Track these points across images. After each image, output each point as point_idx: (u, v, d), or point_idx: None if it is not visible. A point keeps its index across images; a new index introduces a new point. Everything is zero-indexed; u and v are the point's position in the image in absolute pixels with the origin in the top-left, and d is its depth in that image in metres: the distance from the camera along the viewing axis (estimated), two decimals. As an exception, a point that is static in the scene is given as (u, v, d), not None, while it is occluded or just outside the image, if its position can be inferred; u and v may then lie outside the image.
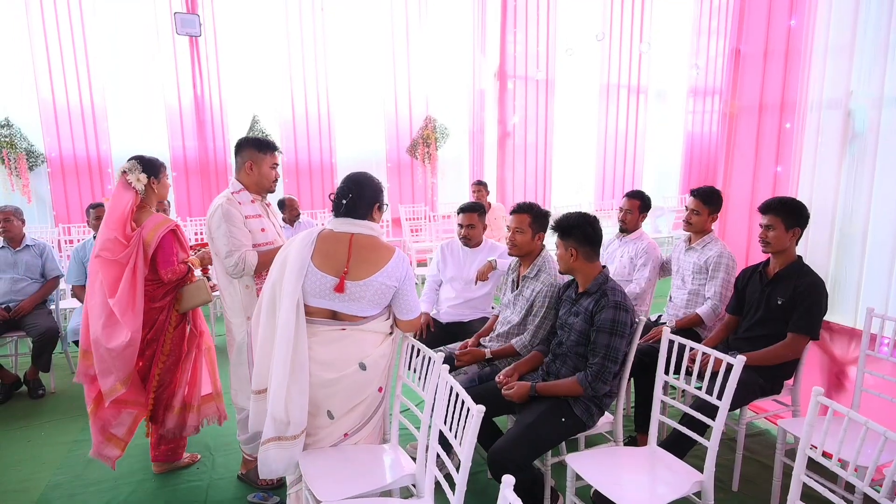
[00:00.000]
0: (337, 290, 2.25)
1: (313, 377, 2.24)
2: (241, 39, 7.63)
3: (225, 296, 2.84)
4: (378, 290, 2.28)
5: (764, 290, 2.94)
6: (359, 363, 2.28)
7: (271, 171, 2.85)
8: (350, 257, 2.26)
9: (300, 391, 2.21)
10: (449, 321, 3.68)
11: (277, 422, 2.21)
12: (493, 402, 2.70)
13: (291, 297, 2.22)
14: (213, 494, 2.95)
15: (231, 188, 2.81)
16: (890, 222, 2.88)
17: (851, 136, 3.01)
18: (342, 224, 2.33)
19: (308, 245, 2.29)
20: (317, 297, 2.27)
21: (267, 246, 2.78)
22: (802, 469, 1.93)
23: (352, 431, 2.37)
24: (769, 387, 2.88)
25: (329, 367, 2.27)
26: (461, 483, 1.88)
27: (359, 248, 2.29)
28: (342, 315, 2.30)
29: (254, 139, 2.85)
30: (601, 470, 2.32)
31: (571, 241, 2.57)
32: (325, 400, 2.29)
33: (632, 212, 3.75)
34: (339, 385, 2.27)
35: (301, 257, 2.26)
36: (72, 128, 7.15)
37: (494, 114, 7.86)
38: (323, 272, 2.25)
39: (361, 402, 2.36)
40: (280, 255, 2.35)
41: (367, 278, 2.26)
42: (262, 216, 2.83)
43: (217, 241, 2.71)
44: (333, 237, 2.31)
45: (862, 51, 2.91)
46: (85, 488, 3.02)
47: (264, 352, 2.30)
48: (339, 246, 2.29)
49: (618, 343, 2.46)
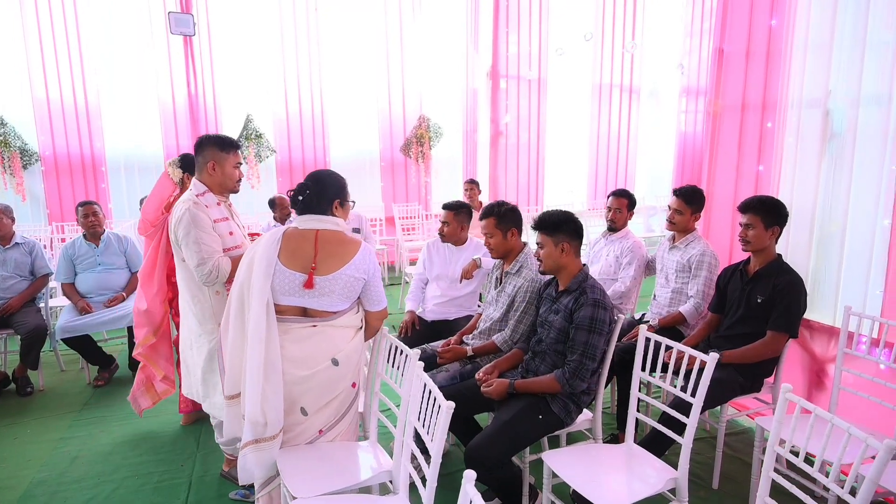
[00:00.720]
0: (306, 286, 2.25)
1: (287, 375, 2.25)
2: (234, 39, 7.63)
3: (193, 304, 2.75)
4: (347, 283, 2.29)
5: (744, 289, 2.95)
6: (331, 359, 2.30)
7: (235, 171, 2.75)
8: (317, 253, 2.27)
9: (274, 391, 2.22)
10: (434, 319, 3.69)
11: (255, 424, 2.21)
12: (474, 399, 2.72)
13: (261, 297, 2.22)
14: (195, 491, 2.97)
15: (194, 190, 2.68)
16: (867, 221, 2.89)
17: (830, 136, 3.03)
18: (307, 221, 2.33)
19: (274, 244, 2.29)
20: (286, 294, 2.27)
21: (236, 250, 2.72)
22: (771, 466, 1.94)
23: (326, 428, 2.38)
24: (749, 385, 2.89)
25: (302, 364, 2.27)
26: (432, 478, 1.89)
27: (325, 242, 2.30)
28: (313, 311, 2.30)
29: (215, 137, 2.73)
30: (577, 467, 2.33)
31: (563, 237, 2.58)
32: (298, 397, 2.30)
33: (621, 210, 3.77)
34: (312, 381, 2.28)
35: (268, 257, 2.26)
36: (66, 126, 7.16)
37: (487, 113, 7.87)
38: (291, 269, 2.26)
39: (335, 398, 2.37)
40: (246, 257, 2.34)
41: (335, 272, 2.27)
42: (228, 219, 2.75)
43: (187, 249, 2.59)
44: (299, 234, 2.32)
45: (840, 50, 2.93)
46: (68, 485, 3.03)
47: (235, 356, 2.31)
48: (306, 243, 2.29)
49: (596, 341, 2.48)
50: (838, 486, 1.71)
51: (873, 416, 2.69)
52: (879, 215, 2.83)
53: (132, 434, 3.58)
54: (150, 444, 3.46)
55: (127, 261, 4.55)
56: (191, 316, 2.80)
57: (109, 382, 4.39)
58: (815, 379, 3.15)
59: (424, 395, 2.05)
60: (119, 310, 4.30)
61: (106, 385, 4.35)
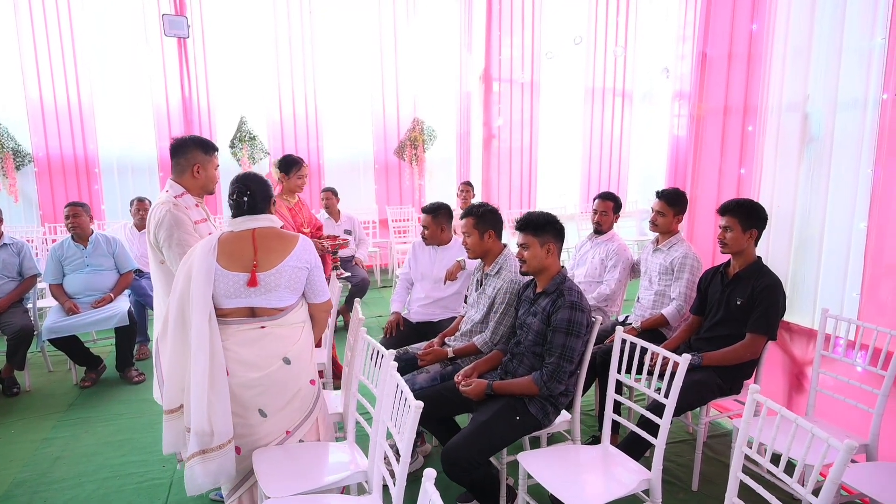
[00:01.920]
0: (250, 284, 2.24)
1: (238, 378, 2.24)
2: (229, 41, 7.65)
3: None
4: (291, 276, 2.30)
5: (724, 291, 2.96)
6: (283, 358, 2.30)
7: (216, 173, 2.78)
8: (256, 250, 2.27)
9: (220, 399, 2.20)
10: (419, 321, 3.70)
11: (201, 435, 2.18)
12: (454, 400, 2.74)
13: (203, 306, 2.20)
14: (176, 492, 2.97)
15: (172, 191, 2.67)
16: (845, 224, 2.91)
17: (809, 140, 3.04)
18: (240, 223, 2.33)
19: (210, 251, 2.28)
20: (231, 297, 2.26)
21: None
22: (739, 466, 1.96)
23: (293, 428, 2.38)
24: (727, 387, 2.90)
25: (253, 366, 2.26)
26: (401, 476, 1.90)
27: (262, 238, 2.31)
28: (260, 311, 2.29)
29: (199, 140, 2.73)
30: (552, 468, 2.34)
31: (549, 237, 2.59)
32: (252, 399, 2.29)
33: (607, 213, 3.79)
34: (265, 383, 2.28)
35: (206, 263, 2.25)
36: (59, 128, 7.17)
37: (480, 116, 7.89)
38: (233, 271, 2.25)
39: (294, 397, 2.36)
40: (183, 268, 2.32)
41: (277, 265, 2.27)
42: (207, 220, 2.77)
43: (169, 251, 2.58)
44: (234, 237, 2.31)
45: (818, 55, 2.95)
46: (49, 486, 3.04)
47: (175, 369, 2.29)
48: (243, 243, 2.29)
49: (573, 343, 2.49)
50: (801, 486, 1.72)
51: (850, 419, 2.70)
52: (856, 218, 2.84)
53: (116, 435, 3.59)
54: (133, 444, 3.46)
55: (115, 262, 4.56)
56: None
57: (97, 384, 4.40)
58: (794, 381, 3.17)
59: (397, 395, 2.06)
60: (106, 311, 4.31)
61: (93, 386, 4.36)
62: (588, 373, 3.13)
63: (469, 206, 3.08)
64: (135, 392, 4.24)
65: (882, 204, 2.69)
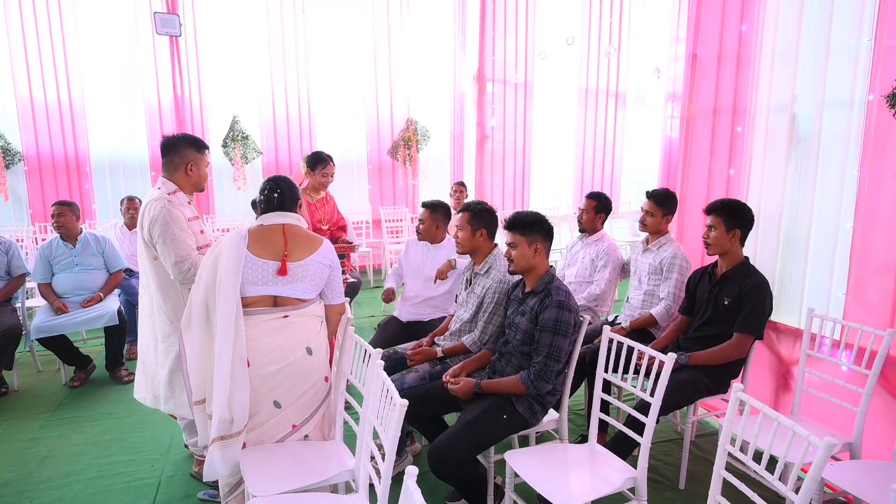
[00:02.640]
0: (280, 273, 2.32)
1: (258, 369, 2.27)
2: (221, 39, 7.63)
3: (165, 303, 2.73)
4: (317, 271, 2.39)
5: (712, 291, 2.98)
6: (306, 348, 2.34)
7: (207, 171, 2.86)
8: (287, 242, 2.36)
9: (241, 387, 2.24)
10: (409, 320, 3.70)
11: (223, 422, 2.22)
12: (443, 399, 2.74)
13: (232, 291, 2.25)
14: (164, 491, 2.97)
15: (165, 189, 2.69)
16: (831, 224, 2.93)
17: (796, 140, 3.06)
18: (270, 218, 2.42)
19: (241, 240, 2.33)
20: (258, 284, 2.31)
21: (206, 249, 2.73)
22: (723, 464, 1.97)
23: (300, 423, 2.39)
24: (715, 386, 2.91)
25: (275, 356, 2.30)
26: (386, 473, 1.91)
27: (292, 234, 2.40)
28: (284, 300, 2.35)
29: (191, 139, 2.77)
30: (538, 466, 2.35)
31: (537, 237, 2.60)
32: (270, 391, 2.31)
33: (587, 212, 3.80)
34: (285, 373, 2.31)
35: (237, 250, 2.29)
36: (49, 126, 7.13)
37: (474, 116, 7.90)
38: (263, 258, 2.32)
39: (308, 390, 2.39)
40: (209, 257, 2.36)
41: (306, 258, 2.36)
42: (199, 217, 2.82)
43: (164, 248, 2.59)
44: (265, 229, 2.39)
45: (805, 56, 2.97)
46: (36, 485, 3.02)
47: (203, 359, 2.31)
48: (274, 235, 2.38)
49: (560, 342, 2.49)
50: (782, 483, 1.73)
51: (835, 418, 2.72)
52: (842, 218, 2.87)
53: (104, 434, 3.57)
54: (122, 444, 3.45)
55: (105, 261, 4.54)
56: (160, 315, 2.78)
57: (86, 383, 4.38)
58: (781, 381, 3.18)
59: (383, 393, 2.06)
60: (96, 310, 4.29)
61: (82, 386, 4.33)
62: (577, 373, 3.15)
63: (469, 202, 3.12)
64: (124, 392, 4.22)
65: (867, 204, 2.71)
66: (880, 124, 2.63)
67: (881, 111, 2.59)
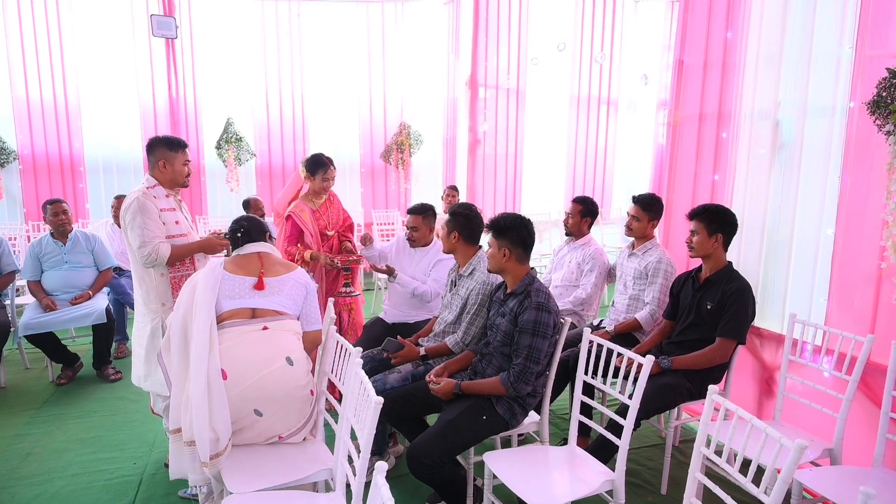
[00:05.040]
0: (257, 287, 2.38)
1: (236, 380, 2.23)
2: (216, 42, 7.67)
3: (139, 286, 2.93)
4: (293, 287, 2.45)
5: (695, 295, 2.99)
6: (286, 358, 2.32)
7: (184, 168, 2.99)
8: (263, 264, 2.47)
9: (219, 402, 2.20)
10: (395, 322, 3.70)
11: (211, 442, 2.17)
12: (424, 400, 2.74)
13: (206, 311, 2.27)
14: (145, 489, 2.96)
15: (146, 183, 2.94)
16: (813, 230, 2.95)
17: (779, 146, 3.09)
18: (246, 248, 2.53)
19: (217, 264, 2.44)
20: (234, 298, 2.36)
21: (181, 238, 2.92)
22: (697, 466, 1.98)
23: (287, 435, 2.38)
24: (697, 390, 2.91)
25: (253, 366, 2.27)
26: (361, 470, 1.91)
27: (268, 257, 2.52)
28: (262, 312, 2.38)
29: (164, 139, 2.98)
30: (516, 468, 2.35)
31: (506, 242, 2.60)
32: (250, 401, 2.27)
33: (573, 216, 3.81)
34: (265, 381, 2.27)
35: (213, 273, 2.38)
36: (45, 126, 7.17)
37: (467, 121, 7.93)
38: (240, 275, 2.40)
39: (293, 401, 2.35)
40: (188, 285, 2.43)
41: (283, 275, 2.44)
42: (175, 209, 2.97)
43: (130, 233, 2.83)
44: (241, 257, 2.51)
45: (788, 63, 2.99)
46: (18, 481, 3.02)
47: (179, 386, 2.29)
48: (250, 259, 2.49)
49: (540, 344, 2.49)
50: (754, 485, 1.74)
51: (816, 423, 2.73)
52: (824, 224, 2.88)
53: (89, 432, 3.57)
54: (105, 442, 3.45)
55: (94, 259, 4.55)
56: (137, 297, 2.97)
57: (73, 381, 4.37)
58: (764, 386, 3.19)
59: (360, 391, 2.06)
60: (84, 308, 4.29)
61: (69, 384, 4.33)
62: (562, 376, 3.16)
63: (456, 204, 3.16)
64: (110, 390, 4.21)
65: (849, 210, 2.73)
66: (861, 131, 2.65)
67: (862, 118, 2.61)
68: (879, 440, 2.42)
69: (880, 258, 2.60)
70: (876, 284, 2.65)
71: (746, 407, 3.07)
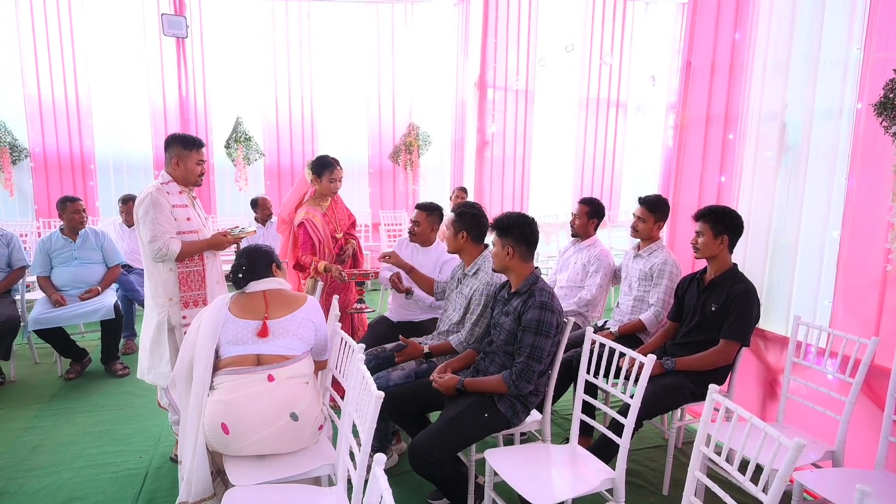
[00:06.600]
0: (261, 334, 2.32)
1: (237, 435, 2.20)
2: (227, 42, 7.73)
3: (149, 280, 2.98)
4: (301, 325, 2.39)
5: (700, 297, 2.98)
6: (290, 413, 2.24)
7: (197, 167, 3.04)
8: (268, 305, 2.39)
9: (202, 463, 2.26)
10: (399, 320, 3.71)
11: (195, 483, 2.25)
12: (427, 397, 2.76)
13: (207, 352, 2.29)
14: (151, 482, 2.99)
15: (161, 179, 3.01)
16: (819, 233, 2.94)
17: (786, 148, 3.08)
18: (252, 286, 2.45)
19: (223, 305, 2.40)
20: (239, 343, 2.31)
21: (192, 234, 2.97)
22: (697, 465, 1.98)
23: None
24: (700, 392, 2.90)
25: (255, 424, 2.20)
26: (361, 463, 1.93)
27: (273, 296, 2.43)
28: (266, 358, 2.31)
29: (180, 137, 3.03)
30: (517, 465, 2.36)
31: (509, 240, 2.61)
32: (248, 449, 2.24)
33: (580, 217, 3.82)
34: (268, 439, 2.23)
35: (217, 312, 2.36)
36: (56, 124, 7.24)
37: (475, 122, 7.95)
38: (243, 319, 2.34)
39: (294, 453, 2.33)
40: (193, 325, 2.42)
41: (288, 315, 2.38)
42: (188, 206, 3.02)
43: (142, 227, 2.88)
44: (246, 296, 2.43)
45: (796, 64, 2.98)
46: (25, 473, 3.05)
47: (186, 421, 2.34)
48: (255, 299, 2.41)
49: (542, 343, 2.50)
50: (753, 484, 1.74)
51: (819, 426, 2.72)
52: (829, 227, 2.87)
53: (96, 426, 3.60)
54: (112, 435, 3.48)
55: (104, 255, 4.60)
56: (146, 291, 3.02)
57: (81, 376, 4.42)
58: (767, 388, 3.18)
59: (362, 385, 2.08)
60: (93, 303, 4.33)
61: (77, 378, 4.37)
62: (565, 377, 3.17)
63: (462, 202, 3.16)
64: (118, 385, 4.26)
65: (855, 213, 2.72)
66: (868, 133, 2.64)
67: (869, 120, 2.60)
68: (882, 443, 2.41)
69: (886, 261, 2.59)
70: (881, 287, 2.64)
71: (749, 409, 3.05)
